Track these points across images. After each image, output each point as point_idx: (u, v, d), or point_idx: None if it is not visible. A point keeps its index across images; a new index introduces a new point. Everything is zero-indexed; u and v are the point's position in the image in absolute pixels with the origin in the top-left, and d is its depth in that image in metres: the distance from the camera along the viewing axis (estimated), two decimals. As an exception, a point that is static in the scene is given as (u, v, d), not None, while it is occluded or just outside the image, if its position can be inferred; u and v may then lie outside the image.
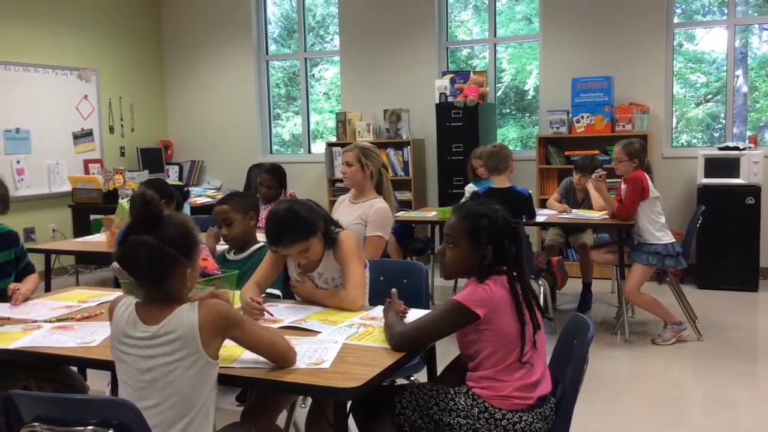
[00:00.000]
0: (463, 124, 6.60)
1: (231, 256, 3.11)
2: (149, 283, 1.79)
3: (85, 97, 7.40)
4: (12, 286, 2.76)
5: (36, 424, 1.60)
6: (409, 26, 7.22)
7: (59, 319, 2.46)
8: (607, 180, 4.68)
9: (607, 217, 4.70)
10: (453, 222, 2.22)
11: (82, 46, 7.39)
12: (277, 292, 2.86)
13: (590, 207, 5.23)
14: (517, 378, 2.10)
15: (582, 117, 6.37)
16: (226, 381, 1.95)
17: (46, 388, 2.62)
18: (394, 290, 2.35)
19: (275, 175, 4.84)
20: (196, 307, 1.77)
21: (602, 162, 5.37)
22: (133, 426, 1.55)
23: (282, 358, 1.92)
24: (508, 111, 7.54)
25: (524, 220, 4.42)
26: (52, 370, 2.66)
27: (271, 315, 2.44)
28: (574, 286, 5.39)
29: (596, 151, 6.14)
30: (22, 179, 6.67)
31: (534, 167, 6.60)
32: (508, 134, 7.49)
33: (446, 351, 2.48)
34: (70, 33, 7.27)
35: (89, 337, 2.22)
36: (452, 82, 6.79)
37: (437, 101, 6.79)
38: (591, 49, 6.58)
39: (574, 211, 5.17)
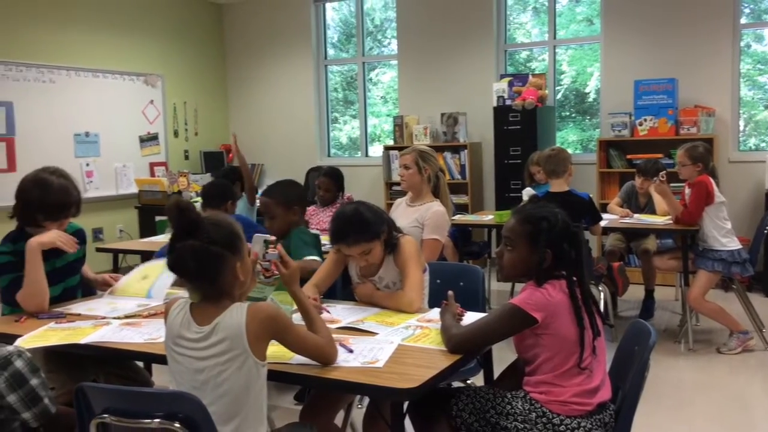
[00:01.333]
0: (521, 128, 6.54)
1: None
2: (204, 284, 1.85)
3: (151, 101, 7.64)
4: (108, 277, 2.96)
5: (106, 415, 1.66)
6: (467, 29, 7.20)
7: (127, 316, 2.55)
8: (670, 184, 4.57)
9: (671, 222, 4.58)
10: (512, 224, 2.22)
11: (148, 53, 7.63)
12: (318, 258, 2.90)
13: (653, 212, 5.12)
14: (575, 383, 2.08)
15: (645, 120, 6.24)
16: (284, 379, 1.99)
17: (113, 382, 2.72)
18: (450, 292, 2.35)
19: (332, 178, 4.89)
20: (244, 309, 1.81)
21: (666, 166, 5.24)
22: (198, 420, 1.60)
23: (325, 356, 1.95)
24: (568, 114, 7.43)
25: (585, 226, 4.36)
26: (120, 364, 2.76)
27: (329, 313, 2.48)
28: (635, 292, 5.28)
29: (659, 155, 6.00)
30: (91, 181, 6.92)
31: (594, 171, 6.49)
32: (568, 137, 7.39)
33: (503, 355, 2.47)
34: (138, 40, 7.52)
35: (155, 334, 2.30)
36: (510, 85, 6.74)
37: (495, 104, 6.74)
38: (654, 51, 6.43)
39: (636, 215, 5.06)
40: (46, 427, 2.02)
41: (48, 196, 2.69)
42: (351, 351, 2.07)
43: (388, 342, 2.17)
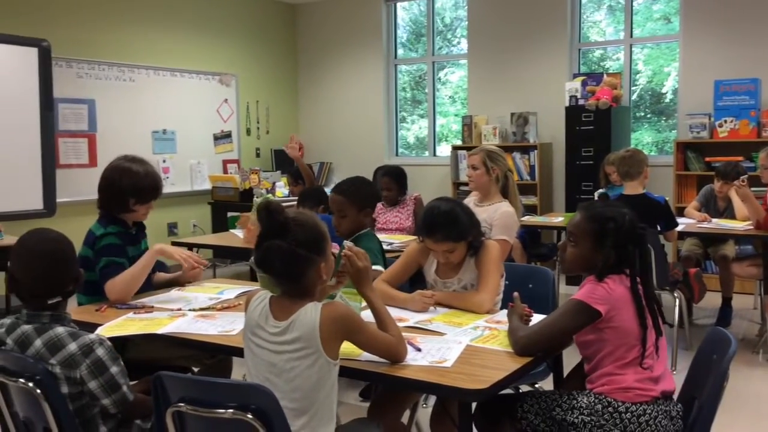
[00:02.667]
0: (594, 128, 6.40)
1: None
2: (288, 283, 1.88)
3: (225, 100, 7.83)
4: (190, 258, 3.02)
5: (181, 404, 1.72)
6: (540, 28, 7.09)
7: (202, 309, 2.62)
8: (751, 188, 4.39)
9: (751, 227, 4.40)
10: (578, 220, 2.24)
11: (223, 53, 7.83)
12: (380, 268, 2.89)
13: (732, 216, 4.93)
14: (637, 372, 2.08)
15: (725, 121, 6.01)
16: (352, 375, 2.01)
17: (201, 368, 2.83)
18: (515, 294, 2.33)
19: (393, 177, 4.90)
20: (319, 308, 1.83)
21: (746, 169, 5.05)
22: (270, 412, 1.63)
23: (394, 355, 1.96)
24: (643, 114, 7.23)
25: (660, 230, 4.24)
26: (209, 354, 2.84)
27: None
28: (712, 300, 5.09)
29: (740, 158, 5.77)
30: (167, 177, 7.14)
31: (671, 173, 6.30)
32: (643, 138, 7.18)
33: (573, 359, 2.43)
34: (213, 40, 7.72)
35: (229, 326, 2.36)
36: (584, 84, 6.60)
37: (567, 104, 6.62)
38: (735, 50, 6.18)
39: (714, 220, 4.88)
40: (125, 414, 2.09)
41: (137, 182, 2.85)
42: (419, 350, 2.07)
43: (456, 342, 2.16)
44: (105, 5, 6.68)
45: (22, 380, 1.90)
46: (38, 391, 1.87)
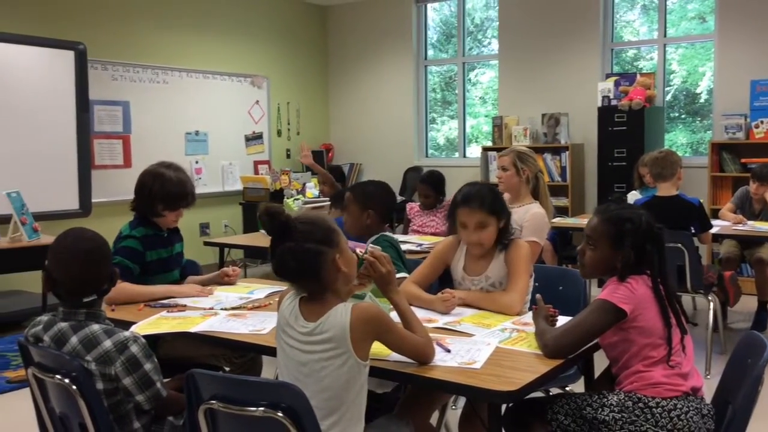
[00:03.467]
0: (627, 129, 6.33)
1: None
2: (309, 282, 1.89)
3: (257, 102, 7.91)
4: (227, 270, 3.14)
5: (213, 401, 1.74)
6: (572, 28, 7.04)
7: (233, 308, 2.65)
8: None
9: (789, 230, 4.32)
10: (595, 223, 2.25)
11: (255, 55, 7.91)
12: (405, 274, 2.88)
13: (768, 219, 4.84)
14: (665, 368, 2.09)
15: (762, 122, 5.90)
16: (381, 375, 2.02)
17: (234, 365, 2.86)
18: (539, 296, 2.32)
19: (430, 184, 4.89)
20: (349, 308, 1.84)
21: (784, 171, 4.95)
22: (300, 411, 1.64)
23: (423, 356, 1.97)
24: (677, 115, 7.12)
25: (693, 232, 4.18)
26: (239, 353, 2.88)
27: None
28: (747, 303, 5.00)
29: (777, 159, 5.66)
30: (200, 178, 7.24)
31: (705, 175, 6.20)
32: (677, 139, 7.08)
33: (604, 362, 2.40)
34: (245, 43, 7.81)
35: (260, 325, 2.38)
36: (617, 84, 6.54)
37: (599, 104, 6.56)
38: (774, 48, 6.07)
39: (750, 222, 4.80)
40: (158, 410, 2.13)
41: (166, 188, 2.90)
42: (448, 351, 2.07)
43: (485, 344, 2.15)
44: (139, 9, 6.80)
45: (58, 376, 1.94)
46: (74, 387, 1.91)
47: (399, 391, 2.51)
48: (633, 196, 5.09)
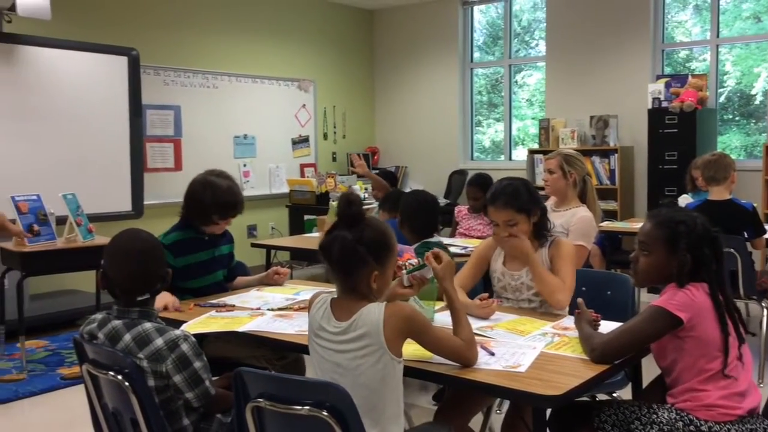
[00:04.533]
0: (678, 131, 6.20)
1: None
2: (339, 275, 1.92)
3: (303, 106, 7.99)
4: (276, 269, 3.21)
5: (260, 400, 1.77)
6: (621, 28, 6.93)
7: (280, 308, 2.70)
8: None
9: None
10: (648, 228, 2.17)
11: (302, 60, 8.00)
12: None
13: (827, 224, 4.67)
14: (721, 387, 2.00)
15: (820, 123, 5.70)
16: (425, 377, 2.02)
17: (275, 366, 2.90)
18: (580, 300, 2.28)
19: (480, 185, 4.86)
20: (383, 306, 1.85)
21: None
22: (344, 410, 1.66)
23: (463, 359, 1.97)
24: (731, 117, 6.94)
25: (746, 237, 4.07)
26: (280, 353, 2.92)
27: None
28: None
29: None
30: (248, 181, 7.35)
31: (760, 178, 6.02)
32: (731, 142, 6.90)
33: (653, 368, 2.36)
34: (293, 48, 7.91)
35: (305, 326, 2.39)
36: (667, 86, 6.41)
37: (650, 106, 6.44)
38: (834, 47, 5.87)
39: (807, 227, 4.64)
40: (206, 408, 2.18)
41: (218, 197, 2.96)
42: (492, 354, 2.07)
43: (530, 347, 2.14)
44: (190, 16, 6.95)
45: (111, 373, 2.00)
46: (126, 383, 1.96)
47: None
48: (684, 200, 4.98)
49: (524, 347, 2.14)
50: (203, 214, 2.99)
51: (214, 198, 2.96)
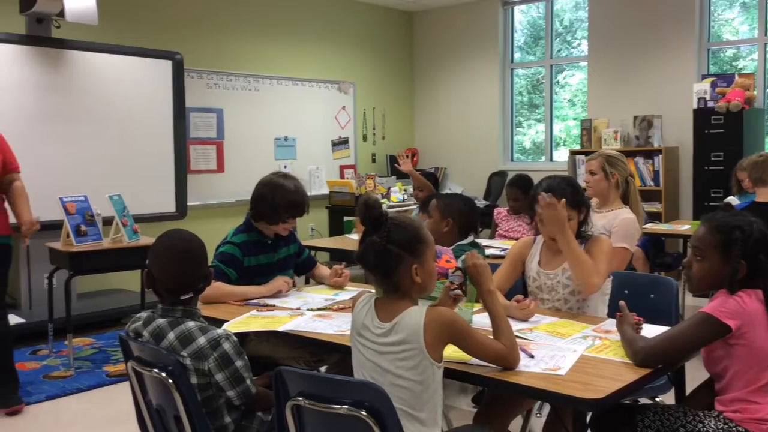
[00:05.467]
0: (724, 131, 6.07)
1: None
2: (380, 278, 1.93)
3: (343, 107, 8.04)
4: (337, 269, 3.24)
5: (300, 398, 1.79)
6: (666, 27, 6.80)
7: (319, 309, 2.72)
8: None
9: None
10: (702, 233, 2.12)
11: (342, 62, 8.05)
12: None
13: None
14: None
15: None
16: (464, 379, 2.02)
17: (314, 369, 2.93)
18: (622, 302, 2.24)
19: (519, 187, 4.82)
20: (423, 311, 1.85)
21: None
22: (383, 410, 1.67)
23: (506, 363, 1.95)
24: (780, 116, 6.75)
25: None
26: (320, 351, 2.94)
27: None
28: None
29: None
30: (288, 182, 7.41)
31: (810, 179, 5.84)
32: (779, 142, 6.71)
33: (697, 374, 2.32)
34: (333, 50, 7.96)
35: (344, 326, 2.43)
36: (713, 85, 6.27)
37: (695, 106, 6.31)
38: None
39: None
40: (247, 406, 2.21)
41: (288, 197, 3.05)
42: (532, 356, 2.05)
43: (570, 350, 2.12)
44: (233, 20, 7.05)
45: (155, 370, 2.04)
46: (170, 381, 2.00)
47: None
48: (731, 202, 4.86)
49: (564, 350, 2.12)
50: (272, 214, 3.05)
51: (284, 199, 3.03)
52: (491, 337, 2.01)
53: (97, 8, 5.18)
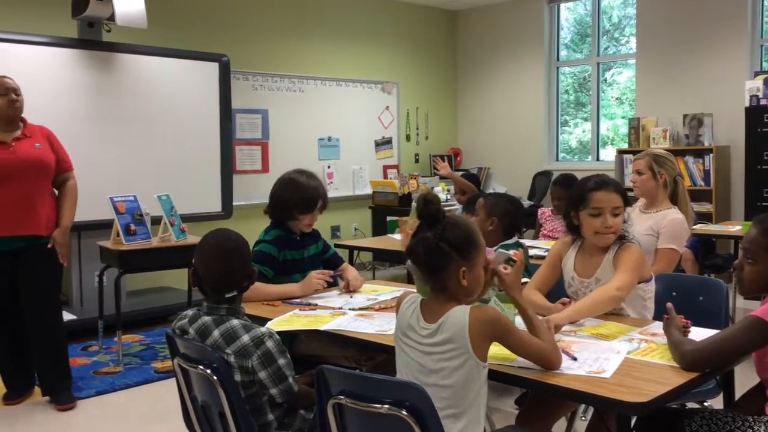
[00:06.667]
0: (778, 130, 5.88)
1: None
2: (427, 275, 1.92)
3: (387, 108, 8.06)
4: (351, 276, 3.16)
5: (341, 397, 1.81)
6: (716, 23, 6.63)
7: (361, 308, 2.74)
8: None
9: None
10: (753, 235, 2.08)
11: (385, 62, 8.07)
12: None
13: None
14: None
15: None
16: (508, 381, 2.00)
17: (363, 367, 2.94)
18: (669, 305, 2.19)
19: (564, 186, 4.76)
20: (468, 310, 1.85)
21: None
22: (424, 410, 1.67)
23: (548, 362, 1.94)
24: (838, 114, 6.52)
25: None
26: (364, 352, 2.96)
27: None
28: None
29: None
30: (331, 182, 7.47)
31: None
32: (837, 140, 6.48)
33: (747, 380, 2.26)
34: (376, 51, 7.98)
35: (386, 326, 2.44)
36: (766, 83, 6.09)
37: (747, 104, 6.14)
38: None
39: None
40: (290, 403, 2.23)
41: (298, 192, 3.06)
42: (575, 359, 2.03)
43: (614, 352, 2.08)
44: (278, 23, 7.13)
45: (201, 367, 2.08)
46: (215, 377, 2.03)
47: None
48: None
49: (608, 352, 2.09)
50: (284, 210, 3.09)
51: (294, 194, 3.06)
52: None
53: (146, 12, 5.30)
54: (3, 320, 3.82)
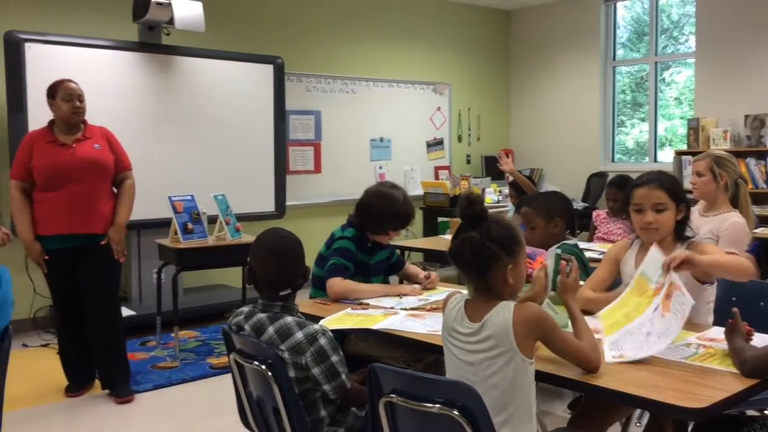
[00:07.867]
0: None
1: None
2: (473, 276, 1.92)
3: (438, 109, 8.05)
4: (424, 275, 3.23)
5: (393, 395, 1.82)
6: (781, 20, 6.42)
7: (413, 308, 2.75)
8: None
9: None
10: None
11: (438, 63, 8.06)
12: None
13: None
14: None
15: None
16: (558, 382, 1.98)
17: (413, 368, 2.95)
18: (735, 310, 2.13)
19: (621, 186, 4.67)
20: (511, 307, 1.84)
21: None
22: (474, 410, 1.67)
23: (585, 362, 1.92)
24: None
25: None
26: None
27: None
28: None
29: None
30: (383, 183, 7.49)
31: None
32: None
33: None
34: (429, 51, 7.98)
35: (437, 326, 2.43)
36: (835, 81, 5.86)
37: (814, 104, 5.92)
38: None
39: None
40: (342, 400, 2.26)
41: (396, 209, 3.08)
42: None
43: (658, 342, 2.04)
44: (331, 25, 7.20)
45: (256, 363, 2.12)
46: (269, 373, 2.07)
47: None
48: None
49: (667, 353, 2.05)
50: (380, 224, 3.09)
51: (392, 211, 3.07)
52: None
53: (204, 16, 5.43)
54: (65, 316, 3.96)
